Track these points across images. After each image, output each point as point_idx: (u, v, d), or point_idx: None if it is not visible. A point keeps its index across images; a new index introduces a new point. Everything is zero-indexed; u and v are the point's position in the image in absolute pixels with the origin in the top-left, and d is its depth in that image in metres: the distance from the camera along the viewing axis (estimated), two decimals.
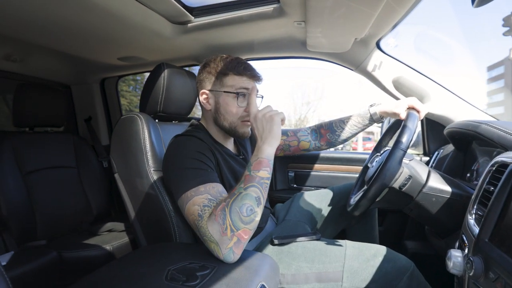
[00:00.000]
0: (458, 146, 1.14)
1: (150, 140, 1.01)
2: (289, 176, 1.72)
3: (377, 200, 0.88)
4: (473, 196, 0.68)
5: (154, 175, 0.97)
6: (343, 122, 1.19)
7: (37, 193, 1.50)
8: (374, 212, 1.30)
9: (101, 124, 2.08)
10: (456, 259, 0.57)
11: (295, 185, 1.72)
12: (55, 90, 1.68)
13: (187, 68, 1.53)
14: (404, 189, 0.87)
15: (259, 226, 1.01)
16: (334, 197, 1.26)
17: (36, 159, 1.55)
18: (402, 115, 1.01)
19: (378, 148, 1.15)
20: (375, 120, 1.14)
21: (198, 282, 0.62)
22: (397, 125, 1.09)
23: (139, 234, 1.06)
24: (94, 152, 1.87)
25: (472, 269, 0.51)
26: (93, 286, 0.66)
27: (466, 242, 0.61)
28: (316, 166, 1.67)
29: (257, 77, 0.93)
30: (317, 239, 0.97)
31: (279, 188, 1.74)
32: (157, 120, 1.17)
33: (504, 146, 0.78)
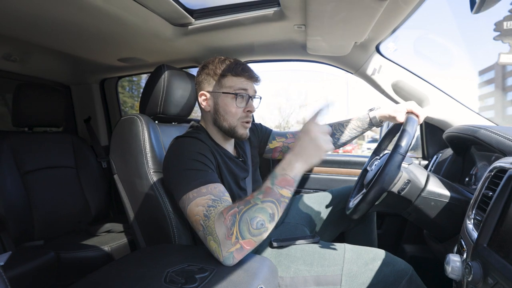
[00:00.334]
0: (457, 151, 1.15)
1: (150, 142, 1.01)
2: None
3: (376, 204, 0.89)
4: (472, 201, 0.68)
5: (154, 177, 0.97)
6: (342, 126, 1.19)
7: (36, 193, 1.49)
8: (373, 216, 1.31)
9: (101, 125, 2.07)
10: (455, 264, 0.57)
11: None
12: (55, 90, 1.68)
13: (187, 70, 1.53)
14: (403, 193, 0.87)
15: None
16: (333, 200, 1.26)
17: (35, 159, 1.54)
18: (401, 119, 1.01)
19: (377, 152, 1.15)
20: (375, 124, 1.14)
21: (197, 285, 0.62)
22: (396, 129, 1.10)
23: (138, 235, 1.06)
24: (93, 153, 1.87)
25: (471, 274, 0.51)
26: (92, 287, 0.66)
27: (465, 247, 0.61)
28: (315, 169, 1.67)
29: (255, 78, 0.94)
30: (316, 242, 0.97)
31: None
32: (157, 122, 1.17)
33: (503, 151, 0.78)
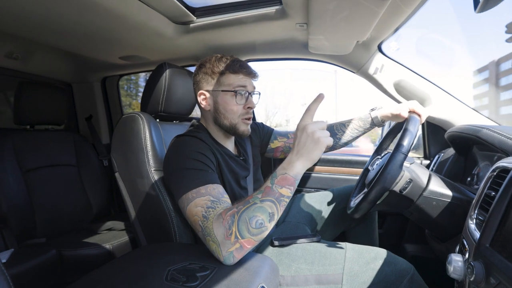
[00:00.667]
0: (459, 150, 1.14)
1: (151, 140, 1.01)
2: None
3: (378, 203, 0.88)
4: (474, 201, 0.68)
5: (155, 175, 0.97)
6: (344, 126, 1.19)
7: (37, 191, 1.50)
8: (374, 215, 1.30)
9: (102, 123, 2.08)
10: (457, 264, 0.57)
11: None
12: (56, 88, 1.69)
13: (189, 68, 1.53)
14: (405, 193, 0.87)
15: None
16: (335, 199, 1.26)
17: (37, 157, 1.55)
18: (403, 118, 1.01)
19: (379, 151, 1.15)
20: (376, 124, 1.14)
21: (198, 283, 0.62)
22: (398, 129, 1.09)
23: (139, 233, 1.06)
24: (95, 151, 1.87)
25: (473, 274, 0.50)
26: (94, 285, 0.66)
27: (467, 247, 0.61)
28: (317, 168, 1.67)
29: (253, 74, 0.94)
30: (317, 241, 0.97)
31: None
32: (158, 120, 1.17)
33: (505, 151, 0.78)
